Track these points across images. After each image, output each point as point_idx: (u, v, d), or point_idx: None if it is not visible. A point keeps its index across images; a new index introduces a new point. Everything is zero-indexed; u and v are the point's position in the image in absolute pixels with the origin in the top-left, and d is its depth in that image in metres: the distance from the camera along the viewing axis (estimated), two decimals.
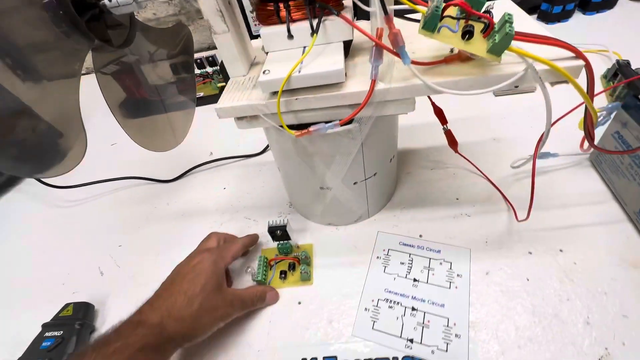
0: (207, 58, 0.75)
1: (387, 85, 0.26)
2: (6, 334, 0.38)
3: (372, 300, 0.32)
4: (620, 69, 0.41)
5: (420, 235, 0.38)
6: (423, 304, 0.31)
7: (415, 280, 0.33)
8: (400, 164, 0.46)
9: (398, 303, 0.32)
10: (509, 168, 0.42)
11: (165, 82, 0.49)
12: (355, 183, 0.35)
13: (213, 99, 0.70)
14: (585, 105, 0.26)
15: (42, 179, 0.55)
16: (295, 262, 0.36)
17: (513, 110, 0.51)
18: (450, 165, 0.45)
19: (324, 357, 0.29)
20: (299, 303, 0.34)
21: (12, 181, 0.60)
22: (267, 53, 0.30)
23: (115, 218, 0.49)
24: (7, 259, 0.47)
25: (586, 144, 0.37)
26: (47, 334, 0.34)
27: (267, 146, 0.55)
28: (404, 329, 0.30)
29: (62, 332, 0.34)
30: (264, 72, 0.27)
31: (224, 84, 0.71)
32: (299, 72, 0.26)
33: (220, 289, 0.30)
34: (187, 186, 0.52)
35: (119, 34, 0.35)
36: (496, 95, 0.55)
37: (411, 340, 0.29)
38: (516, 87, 0.55)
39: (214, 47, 0.99)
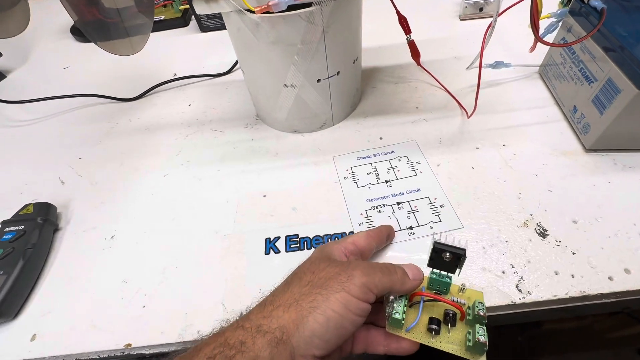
0: None
1: None
2: None
3: (361, 214, 0.33)
4: None
5: (381, 138, 0.40)
6: (403, 196, 0.34)
7: (387, 181, 0.35)
8: (366, 79, 0.47)
9: (383, 205, 0.33)
10: (466, 80, 0.44)
11: (124, 2, 0.45)
12: (318, 81, 0.36)
13: (175, 22, 0.66)
14: None
15: None
16: (458, 312, 0.23)
17: (476, 32, 0.52)
18: (413, 80, 0.46)
19: None
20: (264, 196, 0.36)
21: None
22: None
23: (74, 134, 0.47)
24: None
25: (534, 46, 0.39)
26: (7, 229, 0.34)
27: (233, 66, 0.54)
28: (399, 222, 0.32)
29: (23, 226, 0.34)
30: None
31: (186, 6, 0.66)
32: None
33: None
34: (149, 104, 0.50)
35: None
36: (462, 19, 0.56)
37: (410, 228, 0.31)
38: (480, 9, 0.56)
39: None
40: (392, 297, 0.22)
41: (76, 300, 0.31)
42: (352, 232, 0.32)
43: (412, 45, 0.43)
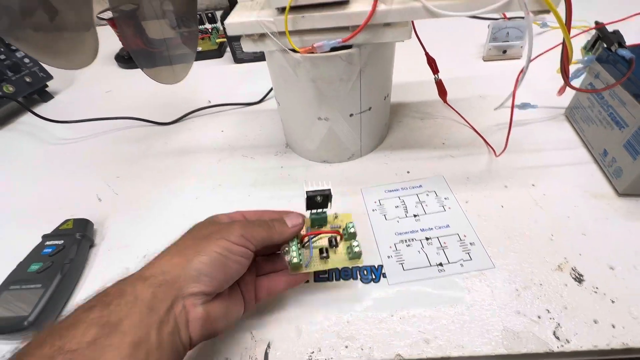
0: (206, 14, 0.75)
1: (387, 7, 0.28)
2: (5, 248, 0.38)
3: (390, 247, 0.33)
4: (596, 26, 0.45)
5: (408, 172, 0.40)
6: (432, 231, 0.34)
7: (415, 215, 0.35)
8: (393, 113, 0.49)
9: (412, 239, 0.33)
10: (493, 119, 0.45)
11: (169, 33, 0.49)
12: (351, 115, 0.37)
13: (211, 53, 0.70)
14: (563, 40, 0.29)
15: (41, 115, 0.55)
16: (336, 236, 0.28)
17: (500, 73, 0.54)
18: (439, 116, 0.48)
19: None
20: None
21: (5, 119, 0.60)
22: None
23: (113, 153, 0.50)
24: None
25: (562, 90, 0.40)
26: (47, 243, 0.35)
27: (265, 96, 0.56)
28: (429, 258, 0.32)
29: (63, 241, 0.35)
30: None
31: (223, 39, 0.71)
32: None
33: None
34: (184, 129, 0.53)
35: None
36: (485, 60, 0.58)
37: (440, 264, 0.31)
38: (504, 52, 0.58)
39: (212, 8, 0.99)
40: (286, 249, 0.26)
41: None
42: (382, 266, 0.32)
43: (439, 84, 0.45)
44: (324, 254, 0.27)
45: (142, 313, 0.19)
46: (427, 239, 0.33)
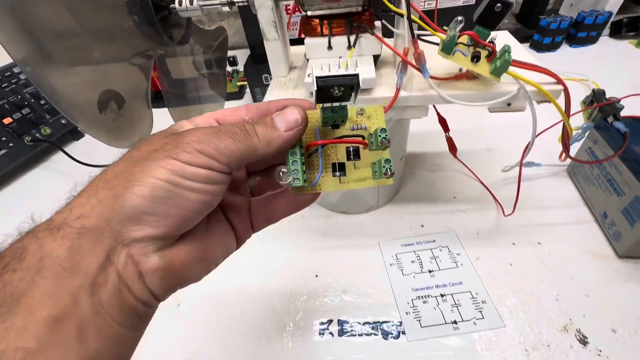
0: (228, 58, 0.81)
1: (408, 94, 0.32)
2: None
3: (408, 303, 0.35)
4: (595, 96, 0.49)
5: (422, 226, 0.43)
6: (446, 288, 0.36)
7: (430, 271, 0.38)
8: (406, 165, 0.52)
9: (428, 296, 0.36)
10: (500, 173, 0.49)
11: (198, 75, 0.54)
12: None
13: (232, 95, 0.75)
14: (563, 122, 0.33)
15: (73, 157, 0.59)
16: (359, 146, 0.20)
17: (505, 125, 0.58)
18: (450, 169, 0.51)
19: None
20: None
21: (40, 157, 0.64)
22: (307, 60, 0.35)
23: None
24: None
25: (564, 155, 0.43)
26: None
27: None
28: (444, 315, 0.34)
29: None
30: (308, 75, 0.32)
31: (243, 82, 0.76)
32: None
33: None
34: None
35: (176, 33, 0.40)
36: (491, 112, 0.62)
37: (455, 322, 0.34)
38: (509, 104, 0.62)
39: (229, 48, 1.04)
40: (283, 170, 0.18)
41: None
42: (401, 322, 0.34)
43: (449, 141, 0.49)
44: (337, 172, 0.19)
45: (58, 277, 0.13)
46: (441, 295, 0.36)
